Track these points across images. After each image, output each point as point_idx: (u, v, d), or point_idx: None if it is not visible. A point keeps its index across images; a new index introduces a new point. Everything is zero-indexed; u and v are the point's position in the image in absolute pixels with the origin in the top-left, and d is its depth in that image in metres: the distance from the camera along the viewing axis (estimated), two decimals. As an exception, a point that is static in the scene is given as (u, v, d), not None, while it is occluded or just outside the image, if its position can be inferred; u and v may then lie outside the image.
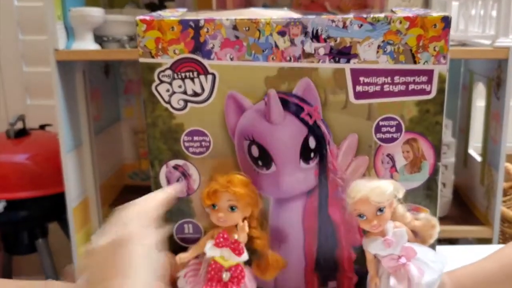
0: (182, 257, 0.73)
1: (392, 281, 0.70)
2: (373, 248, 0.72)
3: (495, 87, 1.42)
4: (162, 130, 0.74)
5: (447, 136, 1.53)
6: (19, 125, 1.59)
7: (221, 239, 0.71)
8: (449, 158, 1.53)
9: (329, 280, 0.81)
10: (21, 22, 1.83)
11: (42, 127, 1.67)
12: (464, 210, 1.56)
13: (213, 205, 0.71)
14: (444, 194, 1.50)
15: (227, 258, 0.71)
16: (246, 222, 0.71)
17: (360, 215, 0.70)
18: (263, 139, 0.74)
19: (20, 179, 1.46)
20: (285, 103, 0.73)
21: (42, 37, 1.40)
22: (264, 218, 0.77)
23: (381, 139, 0.74)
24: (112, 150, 1.74)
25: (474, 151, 1.65)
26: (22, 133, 1.56)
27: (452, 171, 1.54)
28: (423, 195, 0.76)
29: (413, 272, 0.69)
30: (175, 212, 0.77)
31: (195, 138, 0.74)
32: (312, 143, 0.74)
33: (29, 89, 1.88)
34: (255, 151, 0.74)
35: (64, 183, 1.39)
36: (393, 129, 0.74)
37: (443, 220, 1.17)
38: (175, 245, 0.78)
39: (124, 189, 1.76)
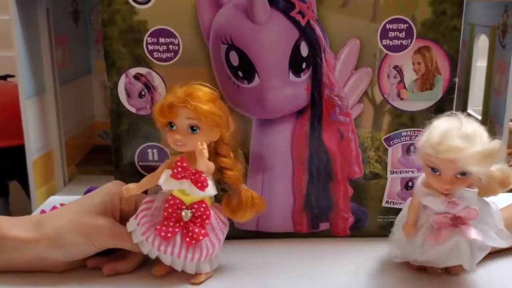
0: (130, 188, 0.58)
1: (439, 234, 0.56)
2: (429, 201, 0.57)
3: (500, 35, 1.30)
4: (121, 29, 0.61)
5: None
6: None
7: (179, 169, 0.56)
8: (447, 116, 1.41)
9: (321, 221, 0.69)
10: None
11: (2, 77, 1.52)
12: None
13: (171, 124, 0.57)
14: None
15: (188, 192, 0.57)
16: (205, 145, 0.56)
17: (434, 169, 0.54)
18: (244, 43, 0.61)
19: (-29, 129, 1.31)
20: (272, -3, 0.60)
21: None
22: (242, 144, 0.64)
23: (387, 47, 0.62)
24: (81, 104, 1.59)
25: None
26: (-24, 81, 1.41)
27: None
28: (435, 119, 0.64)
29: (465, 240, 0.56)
30: (136, 134, 0.64)
31: (161, 39, 0.61)
32: (304, 50, 0.61)
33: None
34: (234, 59, 0.61)
35: (24, 131, 1.24)
36: (403, 34, 0.62)
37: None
38: (137, 175, 0.65)
39: (93, 149, 1.61)
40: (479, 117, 1.46)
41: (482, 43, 1.48)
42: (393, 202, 0.67)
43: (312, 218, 0.68)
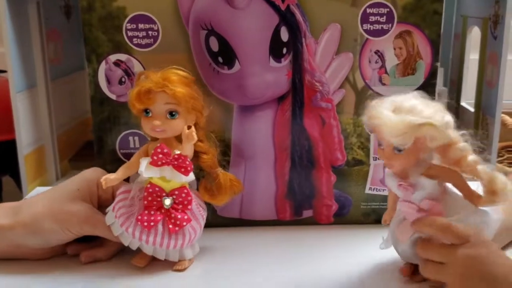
0: (109, 179, 0.57)
1: (402, 228, 0.54)
2: (389, 183, 0.55)
3: (492, 26, 1.30)
4: (101, 16, 0.60)
5: (438, 85, 1.41)
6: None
7: (160, 155, 0.56)
8: (440, 108, 1.40)
9: (304, 208, 0.68)
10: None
11: (-5, 73, 1.51)
12: (455, 165, 1.44)
13: (146, 111, 0.56)
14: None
15: (170, 178, 0.57)
16: (193, 128, 0.57)
17: (379, 143, 0.53)
18: (224, 28, 0.61)
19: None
20: (251, -18, 0.60)
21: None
22: (223, 132, 0.63)
23: (368, 31, 0.62)
24: (73, 100, 1.59)
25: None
26: (-33, 76, 1.41)
27: (443, 122, 1.42)
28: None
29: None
30: (117, 121, 0.63)
31: (141, 26, 0.61)
32: (284, 35, 0.61)
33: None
34: (214, 44, 0.61)
35: (15, 125, 1.23)
36: (383, 19, 0.62)
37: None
38: (118, 162, 0.64)
39: (86, 145, 1.61)
40: (472, 110, 1.46)
41: (475, 37, 1.48)
42: (377, 189, 0.67)
43: (295, 206, 0.67)
